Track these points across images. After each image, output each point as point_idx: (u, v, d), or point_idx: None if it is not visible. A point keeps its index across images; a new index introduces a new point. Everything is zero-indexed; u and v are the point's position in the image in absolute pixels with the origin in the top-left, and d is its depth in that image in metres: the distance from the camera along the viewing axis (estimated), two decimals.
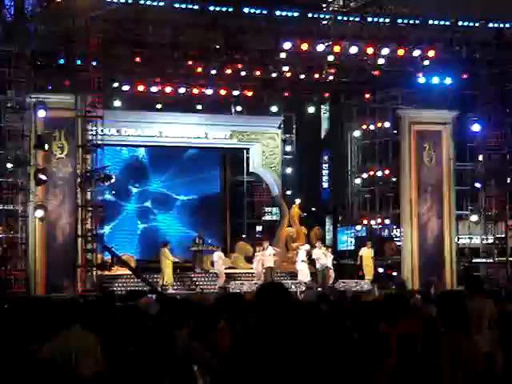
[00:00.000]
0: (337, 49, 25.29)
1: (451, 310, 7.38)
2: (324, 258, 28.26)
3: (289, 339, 5.12)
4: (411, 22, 25.03)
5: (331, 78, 29.11)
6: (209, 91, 29.79)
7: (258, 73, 28.18)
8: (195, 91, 29.69)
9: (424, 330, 8.60)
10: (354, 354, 5.36)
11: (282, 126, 32.55)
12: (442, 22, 25.12)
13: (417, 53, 26.06)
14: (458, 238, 29.45)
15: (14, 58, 24.51)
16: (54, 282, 23.95)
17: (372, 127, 32.76)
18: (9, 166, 24.92)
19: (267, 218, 32.79)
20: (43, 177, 24.18)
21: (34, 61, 24.81)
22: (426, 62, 26.86)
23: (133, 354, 8.30)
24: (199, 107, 31.08)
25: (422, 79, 28.18)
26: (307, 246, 28.98)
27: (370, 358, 5.45)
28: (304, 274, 28.00)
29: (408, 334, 8.24)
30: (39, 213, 24.17)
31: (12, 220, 24.69)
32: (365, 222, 33.30)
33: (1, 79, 25.37)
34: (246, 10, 24.04)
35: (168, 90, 29.25)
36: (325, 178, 34.98)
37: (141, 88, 28.92)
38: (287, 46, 25.22)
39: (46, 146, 24.12)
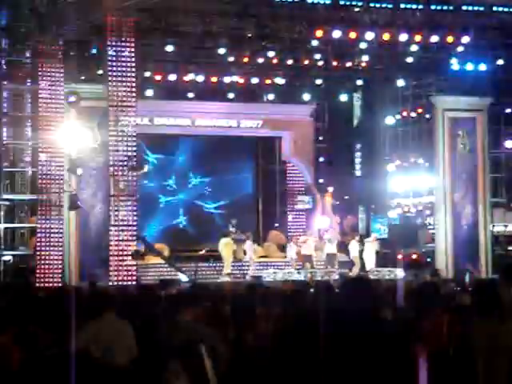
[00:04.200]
0: (369, 36, 25.09)
1: (486, 298, 7.31)
2: (354, 248, 28.62)
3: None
4: (445, 7, 24.75)
5: (364, 65, 28.95)
6: (241, 80, 29.77)
7: (289, 61, 28.09)
8: (227, 80, 29.68)
9: (458, 319, 8.52)
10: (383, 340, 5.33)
11: (314, 114, 32.46)
12: (475, 8, 24.81)
13: (450, 39, 25.80)
14: (493, 226, 29.21)
15: (47, 49, 24.65)
16: (87, 272, 24.12)
17: (405, 114, 32.54)
18: (42, 156, 25.10)
19: (300, 206, 32.70)
20: (77, 167, 24.33)
21: (66, 51, 24.93)
22: (460, 49, 26.60)
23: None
24: (231, 96, 31.06)
25: (455, 66, 27.92)
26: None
27: (398, 344, 5.41)
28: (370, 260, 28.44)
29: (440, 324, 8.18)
30: (79, 170, 24.33)
31: (46, 210, 24.85)
32: (398, 209, 33.11)
33: (34, 69, 25.55)
34: None
35: (200, 78, 29.26)
36: (357, 166, 34.82)
37: (173, 77, 28.96)
38: (319, 33, 25.08)
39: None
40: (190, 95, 30.61)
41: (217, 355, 7.15)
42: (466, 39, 25.77)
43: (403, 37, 25.30)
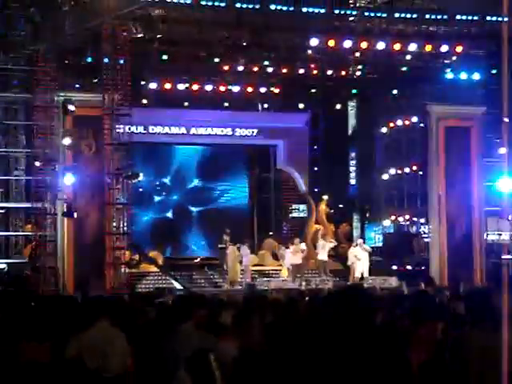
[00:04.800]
0: (364, 45, 25.17)
1: (479, 306, 7.33)
2: (352, 255, 28.50)
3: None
4: (439, 17, 24.84)
5: (358, 74, 29.01)
6: (236, 88, 29.83)
7: (284, 70, 28.15)
8: (222, 88, 29.74)
9: (452, 328, 8.55)
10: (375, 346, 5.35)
11: (309, 122, 32.50)
12: (469, 17, 24.90)
13: (444, 48, 25.88)
14: (487, 235, 29.24)
15: (41, 57, 24.68)
16: (82, 280, 24.09)
17: (399, 123, 32.60)
18: (37, 164, 25.10)
19: (294, 214, 32.73)
20: (71, 174, 24.36)
21: (61, 59, 24.96)
22: (454, 58, 26.69)
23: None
24: (226, 104, 31.11)
25: (449, 75, 28.00)
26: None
27: (389, 349, 5.43)
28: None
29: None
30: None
31: (41, 218, 24.85)
32: (392, 218, 33.15)
33: (29, 78, 25.55)
34: (272, 6, 23.98)
35: (195, 87, 29.33)
36: (352, 175, 34.86)
37: (168, 86, 29.02)
38: (314, 42, 25.15)
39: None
40: (185, 104, 30.65)
41: (224, 365, 7.14)
42: (460, 48, 25.86)
43: (397, 46, 25.39)
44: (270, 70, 27.99)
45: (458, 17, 24.79)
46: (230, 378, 7.02)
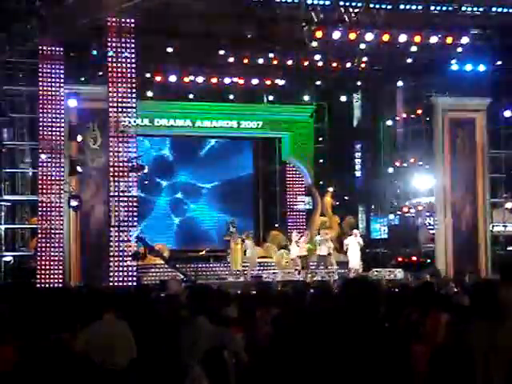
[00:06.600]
0: (369, 37, 25.11)
1: (485, 298, 7.33)
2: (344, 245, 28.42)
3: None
4: (444, 8, 24.77)
5: (363, 66, 28.97)
6: (241, 81, 29.81)
7: (289, 62, 28.13)
8: (227, 81, 29.72)
9: (457, 320, 8.56)
10: (382, 339, 5.36)
11: (314, 114, 32.48)
12: (475, 9, 24.82)
13: (450, 40, 25.82)
14: (493, 226, 29.25)
15: (46, 50, 24.70)
16: (88, 272, 24.15)
17: (405, 115, 32.57)
18: (43, 156, 25.16)
19: (300, 207, 32.75)
20: (77, 168, 24.41)
21: (66, 52, 24.98)
22: (459, 49, 26.63)
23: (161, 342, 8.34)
24: (231, 97, 31.11)
25: (455, 66, 27.94)
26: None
27: (398, 342, 5.44)
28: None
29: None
30: (73, 202, 24.41)
31: (46, 211, 24.91)
32: (397, 210, 33.14)
33: (34, 71, 25.59)
34: None
35: (200, 79, 29.31)
36: (357, 167, 34.87)
37: (173, 78, 29.01)
38: (319, 34, 25.10)
39: (79, 138, 24.36)
40: (191, 96, 30.64)
41: (239, 360, 7.14)
42: (465, 40, 25.79)
43: (403, 38, 25.33)
44: (275, 62, 27.96)
45: (464, 8, 24.70)
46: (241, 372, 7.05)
